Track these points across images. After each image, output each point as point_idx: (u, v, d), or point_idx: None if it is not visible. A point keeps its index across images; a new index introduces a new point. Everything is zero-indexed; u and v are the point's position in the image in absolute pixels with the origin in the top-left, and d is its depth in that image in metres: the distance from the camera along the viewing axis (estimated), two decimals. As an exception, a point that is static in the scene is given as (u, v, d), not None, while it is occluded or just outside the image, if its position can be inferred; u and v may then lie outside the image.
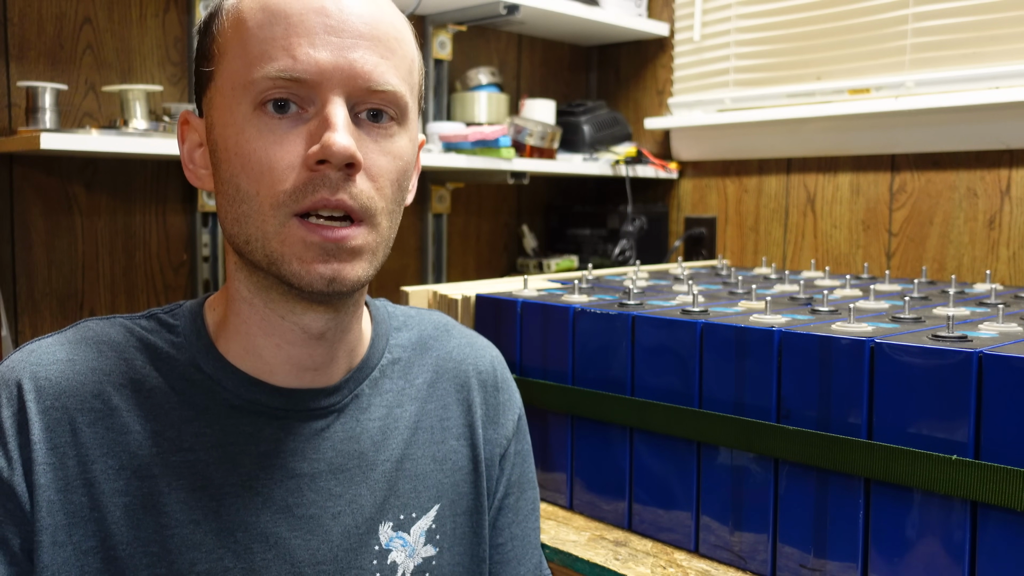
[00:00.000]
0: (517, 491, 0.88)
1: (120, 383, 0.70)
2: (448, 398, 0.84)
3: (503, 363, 0.92)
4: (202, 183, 0.74)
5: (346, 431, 0.76)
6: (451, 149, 1.94)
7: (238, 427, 0.72)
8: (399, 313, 0.87)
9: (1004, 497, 0.84)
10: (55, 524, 0.66)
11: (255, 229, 0.68)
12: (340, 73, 0.67)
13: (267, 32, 0.67)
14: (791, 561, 1.01)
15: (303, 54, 0.66)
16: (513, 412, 0.89)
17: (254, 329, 0.73)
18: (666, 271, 1.81)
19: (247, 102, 0.67)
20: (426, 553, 0.77)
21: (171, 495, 0.68)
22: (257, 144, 0.67)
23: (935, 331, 0.97)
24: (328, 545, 0.72)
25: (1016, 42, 1.74)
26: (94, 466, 0.67)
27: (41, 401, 0.67)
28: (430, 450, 0.80)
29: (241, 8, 0.69)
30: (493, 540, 0.86)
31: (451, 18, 2.09)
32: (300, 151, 0.66)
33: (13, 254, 1.59)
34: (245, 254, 0.70)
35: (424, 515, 0.78)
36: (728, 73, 2.22)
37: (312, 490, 0.73)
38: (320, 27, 0.67)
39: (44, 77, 1.60)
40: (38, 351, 0.70)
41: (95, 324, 0.74)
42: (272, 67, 0.66)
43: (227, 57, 0.69)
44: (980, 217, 1.82)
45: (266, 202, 0.66)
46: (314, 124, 0.67)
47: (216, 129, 0.70)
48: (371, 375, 0.79)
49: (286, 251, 0.67)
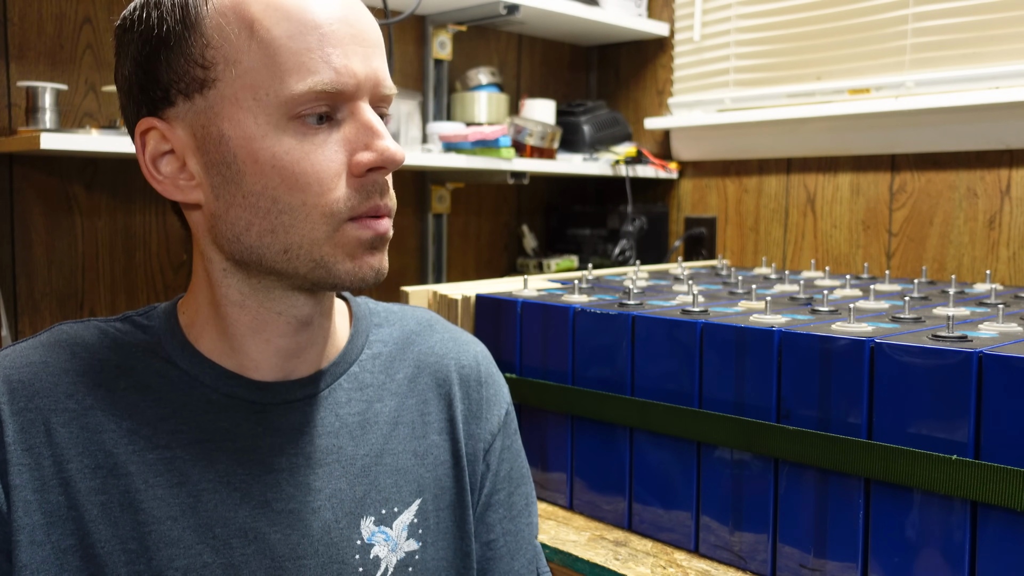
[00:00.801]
0: (507, 487, 0.88)
1: (94, 383, 0.71)
2: (428, 393, 0.84)
3: (489, 359, 0.92)
4: (184, 195, 0.71)
5: (324, 425, 0.76)
6: (451, 149, 1.94)
7: (215, 423, 0.72)
8: (380, 310, 0.88)
9: (1004, 497, 0.84)
10: (32, 524, 0.66)
11: (300, 237, 0.68)
12: (369, 82, 0.69)
13: (299, 43, 0.66)
14: (791, 561, 1.01)
15: (342, 66, 0.67)
16: (499, 407, 0.89)
17: (243, 330, 0.73)
18: (666, 271, 1.81)
19: (279, 113, 0.66)
20: (409, 547, 0.78)
21: (148, 492, 0.69)
22: (298, 155, 0.67)
23: (935, 331, 0.97)
24: (308, 539, 0.73)
25: (1016, 42, 1.74)
26: (70, 465, 0.68)
27: (14, 403, 0.68)
28: (411, 444, 0.81)
29: (252, 14, 0.66)
30: (485, 536, 0.86)
31: (451, 18, 2.09)
32: (343, 159, 0.68)
33: (13, 254, 1.59)
34: (280, 263, 0.69)
35: (406, 509, 0.79)
36: (728, 73, 2.22)
37: (291, 484, 0.73)
38: (348, 37, 0.68)
39: (44, 77, 1.60)
40: (11, 355, 0.71)
41: (69, 328, 0.74)
42: (315, 80, 0.66)
43: (239, 65, 0.66)
44: (980, 217, 1.82)
45: (315, 211, 0.67)
46: (349, 130, 0.69)
47: (233, 141, 0.67)
48: (350, 369, 0.80)
49: (338, 252, 0.69)
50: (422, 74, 2.16)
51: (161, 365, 0.73)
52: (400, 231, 2.16)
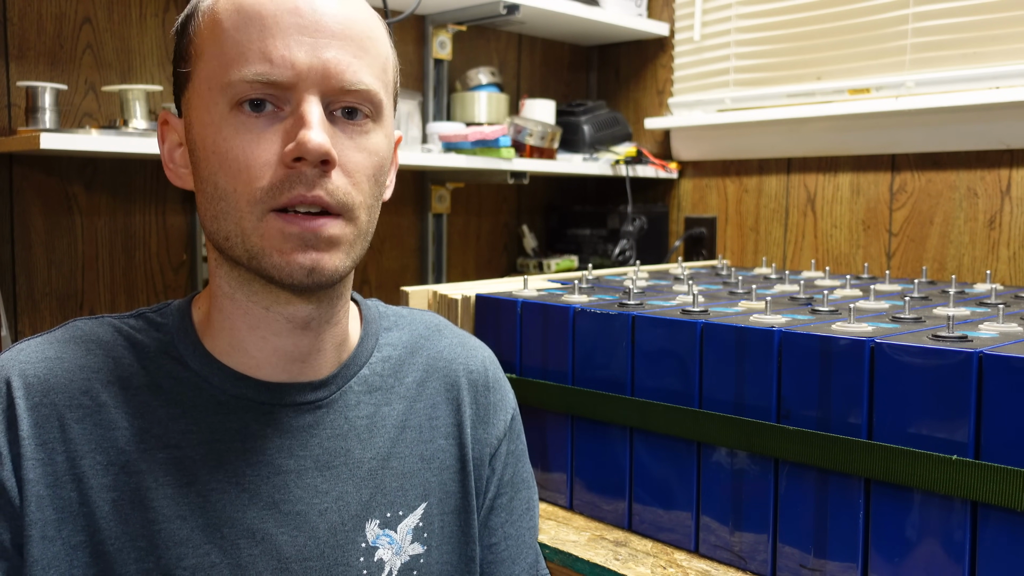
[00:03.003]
0: (510, 491, 0.88)
1: (108, 380, 0.71)
2: (437, 397, 0.84)
3: (496, 363, 0.92)
4: (183, 182, 0.75)
5: (333, 428, 0.76)
6: (451, 149, 1.94)
7: (224, 423, 0.72)
8: (390, 313, 0.88)
9: (1004, 497, 0.84)
10: (45, 519, 0.67)
11: (233, 225, 0.69)
12: (315, 73, 0.68)
13: (242, 34, 0.68)
14: (791, 561, 1.00)
15: (278, 57, 0.67)
16: (505, 412, 0.89)
17: (239, 324, 0.74)
18: (666, 271, 1.81)
19: (224, 102, 0.68)
20: (413, 551, 0.78)
21: (158, 491, 0.69)
22: (234, 142, 0.68)
23: (935, 331, 0.97)
24: (315, 541, 0.73)
25: (1016, 42, 1.74)
26: (82, 461, 0.68)
27: (30, 398, 0.68)
28: (417, 448, 0.81)
29: (217, 9, 0.70)
30: (486, 540, 0.86)
31: (451, 18, 2.09)
32: (276, 149, 0.68)
33: (13, 254, 1.59)
34: (225, 250, 0.71)
35: (411, 513, 0.79)
36: (728, 73, 2.22)
37: (299, 486, 0.73)
38: (294, 28, 0.68)
39: (44, 77, 1.60)
40: (27, 349, 0.72)
41: (84, 323, 0.75)
42: (249, 70, 0.67)
43: (203, 58, 0.70)
44: (980, 217, 1.82)
45: (243, 199, 0.68)
46: (290, 122, 0.68)
47: (195, 129, 0.71)
48: (360, 372, 0.80)
49: (266, 245, 0.68)
50: (422, 74, 2.16)
51: (172, 365, 0.73)
52: (400, 231, 2.16)
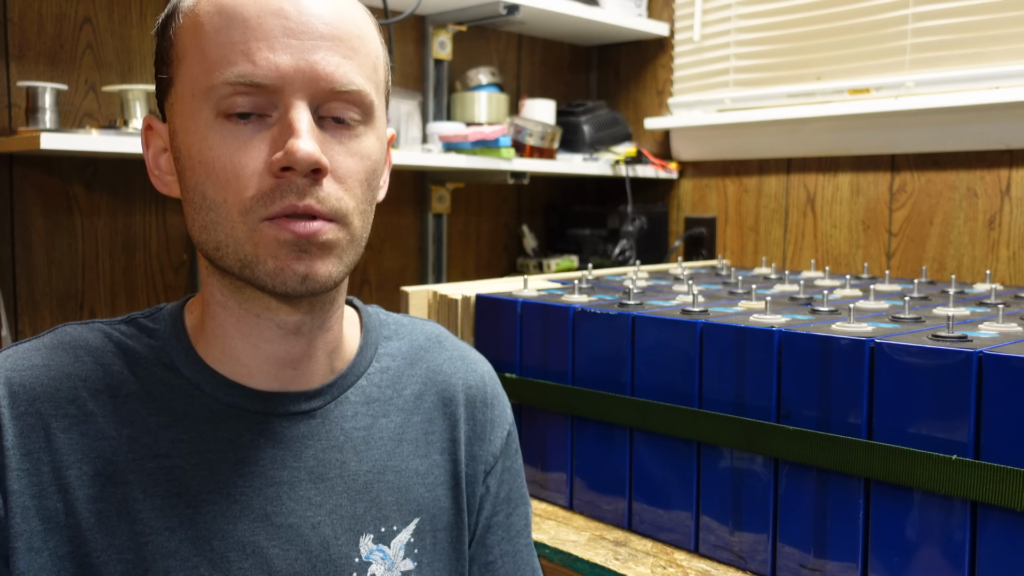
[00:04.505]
0: (507, 508, 0.87)
1: (96, 388, 0.69)
2: (434, 411, 0.82)
3: (495, 379, 0.90)
4: (169, 189, 0.73)
5: (328, 439, 0.74)
6: (451, 149, 1.94)
7: (216, 433, 0.71)
8: (391, 321, 0.86)
9: (1004, 497, 0.84)
10: (31, 530, 0.65)
11: (225, 235, 0.67)
12: (302, 76, 0.66)
13: (225, 36, 0.66)
14: (791, 561, 1.00)
15: (262, 59, 0.65)
16: (503, 429, 0.88)
17: (230, 331, 0.72)
18: (666, 271, 1.81)
19: (208, 108, 0.66)
20: (405, 567, 0.76)
21: (146, 502, 0.67)
22: (221, 151, 0.66)
23: (935, 331, 0.97)
24: (307, 555, 0.71)
25: (1016, 42, 1.74)
26: (68, 472, 0.67)
27: (15, 406, 0.67)
28: (413, 463, 0.79)
29: (198, 12, 0.68)
30: (483, 558, 0.85)
31: (451, 18, 2.09)
32: (264, 156, 0.65)
33: (13, 254, 1.59)
34: (215, 260, 0.69)
35: (404, 528, 0.77)
36: (728, 73, 2.22)
37: (291, 499, 0.71)
38: (279, 30, 0.66)
39: (44, 77, 1.60)
40: (14, 356, 0.70)
41: (73, 329, 0.73)
42: (231, 72, 0.65)
43: (186, 62, 0.68)
44: (980, 217, 1.82)
45: (234, 209, 0.66)
46: (277, 129, 0.66)
47: (179, 136, 0.69)
48: (357, 382, 0.78)
49: (260, 252, 0.66)
50: (422, 74, 2.16)
51: (163, 372, 0.71)
52: (400, 231, 2.16)
